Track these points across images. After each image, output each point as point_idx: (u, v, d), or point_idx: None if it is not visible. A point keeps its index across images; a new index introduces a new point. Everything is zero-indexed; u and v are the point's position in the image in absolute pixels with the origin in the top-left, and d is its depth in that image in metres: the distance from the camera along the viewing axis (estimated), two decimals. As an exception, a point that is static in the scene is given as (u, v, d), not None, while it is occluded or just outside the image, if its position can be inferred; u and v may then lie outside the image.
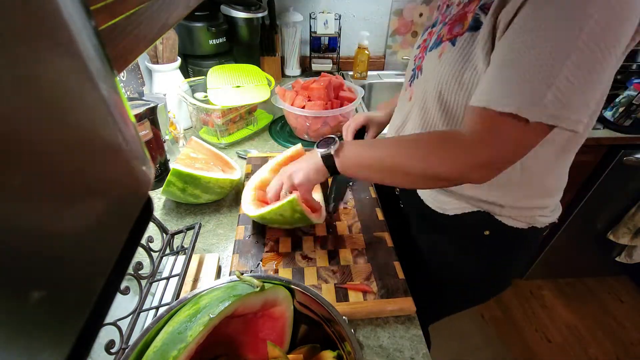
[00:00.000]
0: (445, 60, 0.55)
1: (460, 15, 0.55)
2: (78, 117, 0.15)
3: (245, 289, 0.40)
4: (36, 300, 0.13)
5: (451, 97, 0.56)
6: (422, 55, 0.64)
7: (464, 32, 0.53)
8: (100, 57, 0.17)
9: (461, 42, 0.53)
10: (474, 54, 0.51)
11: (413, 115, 0.66)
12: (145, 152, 0.21)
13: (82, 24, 0.16)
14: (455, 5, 0.58)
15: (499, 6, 0.46)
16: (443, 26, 0.59)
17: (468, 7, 0.54)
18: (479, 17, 0.50)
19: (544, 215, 0.65)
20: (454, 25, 0.55)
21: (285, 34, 1.39)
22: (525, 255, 0.74)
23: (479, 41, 0.50)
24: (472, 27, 0.51)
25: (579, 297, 1.71)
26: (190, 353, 0.34)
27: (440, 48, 0.57)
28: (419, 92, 0.63)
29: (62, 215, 0.14)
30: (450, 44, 0.55)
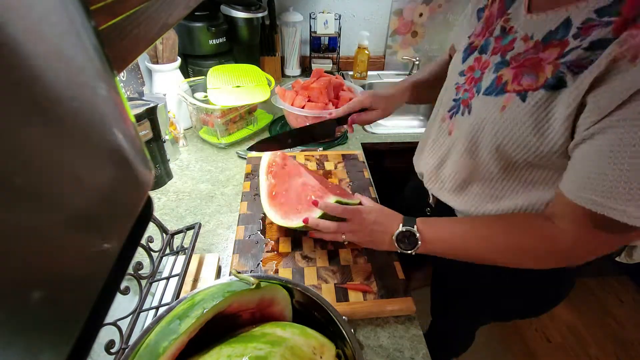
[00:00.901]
0: (512, 117, 0.48)
1: (532, 61, 0.46)
2: (78, 117, 0.15)
3: (241, 287, 0.41)
4: (36, 300, 0.13)
5: (514, 153, 0.49)
6: (470, 90, 0.56)
7: (538, 88, 0.45)
8: (100, 57, 0.17)
9: (534, 100, 0.45)
10: (550, 116, 0.44)
11: (455, 154, 0.60)
12: (145, 152, 0.21)
13: (82, 24, 0.16)
14: (521, 40, 0.49)
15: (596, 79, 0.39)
16: (504, 66, 0.50)
17: (544, 54, 0.45)
18: (563, 75, 0.42)
19: None
20: (523, 73, 0.47)
21: (285, 34, 1.39)
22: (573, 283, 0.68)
23: (558, 103, 0.43)
24: (551, 85, 0.43)
25: (579, 297, 1.71)
26: (181, 345, 0.35)
27: (504, 99, 0.49)
28: (465, 132, 0.56)
29: (62, 215, 0.14)
30: (519, 98, 0.47)
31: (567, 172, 0.45)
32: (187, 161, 0.98)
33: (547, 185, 0.52)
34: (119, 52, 0.23)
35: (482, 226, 0.53)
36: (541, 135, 0.45)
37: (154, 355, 0.34)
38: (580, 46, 0.41)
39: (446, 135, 0.63)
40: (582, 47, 0.41)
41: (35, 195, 0.13)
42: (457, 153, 0.59)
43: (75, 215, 0.15)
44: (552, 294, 0.69)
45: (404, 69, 1.59)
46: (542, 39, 0.46)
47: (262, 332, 0.38)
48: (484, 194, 0.58)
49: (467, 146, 0.56)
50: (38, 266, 0.13)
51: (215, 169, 0.95)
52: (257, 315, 0.44)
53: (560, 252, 0.48)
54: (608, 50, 0.38)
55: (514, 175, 0.54)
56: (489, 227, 0.52)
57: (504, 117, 0.49)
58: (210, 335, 0.38)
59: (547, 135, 0.45)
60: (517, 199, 0.55)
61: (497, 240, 0.51)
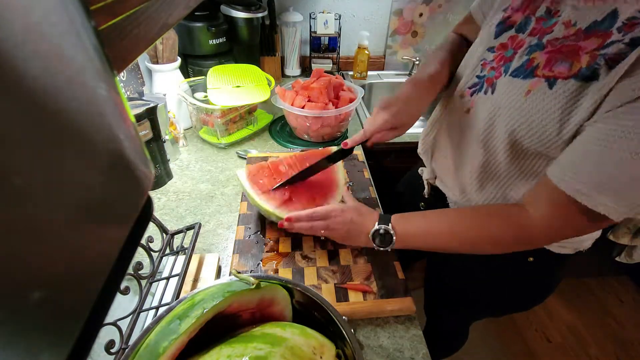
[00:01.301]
0: (535, 104, 0.46)
1: (569, 48, 0.44)
2: (78, 117, 0.15)
3: (241, 287, 0.41)
4: (36, 300, 0.13)
5: (526, 140, 0.48)
6: (498, 68, 0.54)
7: (569, 77, 0.43)
8: (100, 57, 0.17)
9: (562, 88, 0.43)
10: (575, 108, 0.42)
11: (472, 135, 0.57)
12: (145, 152, 0.21)
13: (82, 24, 0.16)
14: (562, 24, 0.46)
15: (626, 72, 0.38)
16: (538, 49, 0.48)
17: (584, 43, 0.43)
18: (598, 68, 0.40)
19: (592, 238, 0.62)
20: (557, 59, 0.45)
21: (285, 34, 1.39)
22: (562, 276, 0.69)
23: (586, 96, 0.41)
24: (584, 75, 0.41)
25: (579, 297, 1.71)
26: (181, 345, 0.35)
27: (530, 83, 0.47)
28: (484, 113, 0.54)
29: (61, 215, 0.14)
30: (547, 84, 0.45)
31: (560, 156, 0.46)
32: (187, 161, 0.98)
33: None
34: (119, 52, 0.23)
35: (454, 222, 0.55)
36: (560, 125, 0.44)
37: (154, 355, 0.34)
38: (622, 40, 0.40)
39: (463, 114, 0.59)
40: (624, 42, 0.40)
41: (35, 195, 0.13)
42: (472, 134, 0.57)
43: (75, 215, 0.15)
44: (542, 288, 0.70)
45: (404, 69, 1.59)
46: (585, 27, 0.44)
47: (262, 332, 0.38)
48: (488, 183, 0.58)
49: (483, 127, 0.54)
50: (38, 266, 0.13)
51: (215, 169, 0.95)
52: (257, 315, 0.44)
53: (529, 237, 0.50)
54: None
55: (519, 165, 0.53)
56: (460, 223, 0.54)
57: (527, 102, 0.47)
58: (210, 335, 0.38)
59: (565, 127, 0.44)
60: (518, 188, 0.55)
61: (467, 235, 0.53)
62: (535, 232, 0.48)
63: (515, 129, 0.49)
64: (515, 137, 0.50)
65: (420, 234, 0.56)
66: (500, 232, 0.51)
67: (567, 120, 0.44)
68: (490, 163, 0.56)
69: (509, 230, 0.51)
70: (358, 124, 1.19)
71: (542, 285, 0.70)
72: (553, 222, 0.47)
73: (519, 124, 0.48)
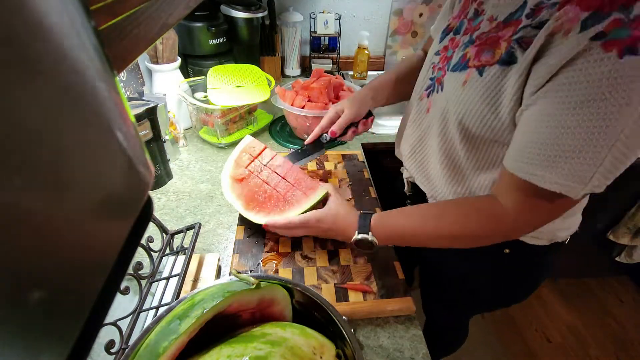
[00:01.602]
0: (470, 91, 0.51)
1: (492, 39, 0.49)
2: (78, 117, 0.15)
3: (241, 287, 0.41)
4: (36, 300, 0.13)
5: (473, 127, 0.53)
6: (443, 67, 0.59)
7: (494, 63, 0.48)
8: (100, 57, 0.17)
9: (490, 74, 0.48)
10: (502, 91, 0.47)
11: (432, 132, 0.62)
12: (145, 152, 0.21)
13: (82, 24, 0.16)
14: (487, 20, 0.52)
15: (535, 56, 0.42)
16: (470, 44, 0.53)
17: (502, 32, 0.48)
18: (514, 51, 0.45)
19: (565, 229, 0.63)
20: (483, 50, 0.50)
21: (285, 34, 1.39)
22: (545, 269, 0.70)
23: (509, 78, 0.46)
24: (504, 60, 0.47)
25: (579, 297, 1.71)
26: (181, 345, 0.35)
27: (465, 74, 0.52)
28: (439, 108, 0.59)
29: (61, 215, 0.14)
30: (477, 73, 0.50)
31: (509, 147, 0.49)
32: (187, 161, 0.98)
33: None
34: (119, 52, 0.23)
35: (431, 219, 0.56)
36: (495, 108, 0.49)
37: (154, 355, 0.34)
38: (530, 25, 0.44)
39: (424, 114, 0.65)
40: (532, 25, 0.44)
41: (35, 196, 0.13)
42: (433, 131, 0.62)
43: (75, 215, 0.15)
44: (525, 280, 0.72)
45: (404, 69, 1.58)
46: (503, 19, 0.49)
47: (262, 332, 0.38)
48: (454, 176, 0.61)
49: (440, 121, 0.59)
50: (38, 266, 0.13)
51: (215, 169, 0.95)
52: (257, 315, 0.44)
53: (504, 228, 0.52)
54: (547, 25, 0.41)
55: (477, 154, 0.56)
56: (438, 219, 0.55)
57: (465, 91, 0.52)
58: (210, 335, 0.38)
59: (500, 109, 0.48)
60: (481, 178, 0.58)
61: (445, 231, 0.55)
62: (509, 223, 0.50)
63: (461, 118, 0.53)
64: (463, 126, 0.54)
65: (400, 234, 0.59)
66: (477, 226, 0.53)
67: (499, 102, 0.48)
68: (451, 156, 0.60)
69: (485, 223, 0.52)
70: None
71: (525, 278, 0.71)
72: (520, 210, 0.49)
73: (462, 112, 0.53)
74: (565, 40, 0.40)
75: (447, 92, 0.57)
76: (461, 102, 0.53)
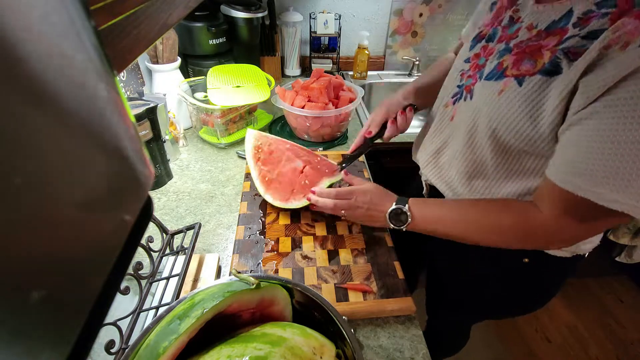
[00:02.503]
0: (507, 101, 0.49)
1: (532, 48, 0.48)
2: (78, 117, 0.15)
3: (241, 287, 0.40)
4: (36, 300, 0.13)
5: (507, 138, 0.51)
6: (474, 75, 0.58)
7: (535, 73, 0.46)
8: (100, 57, 0.17)
9: (530, 84, 0.47)
10: (543, 102, 0.45)
11: (456, 141, 0.62)
12: (145, 152, 0.21)
13: (82, 24, 0.16)
14: (525, 29, 0.50)
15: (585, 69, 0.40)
16: (506, 53, 0.52)
17: (545, 42, 0.46)
18: (559, 62, 0.44)
19: (589, 242, 0.61)
20: (523, 59, 0.48)
21: (285, 34, 1.39)
22: (562, 281, 0.69)
23: (552, 89, 0.44)
24: (547, 70, 0.45)
25: (579, 297, 1.71)
26: (181, 345, 0.35)
27: (502, 84, 0.51)
28: (466, 118, 0.58)
29: (61, 215, 0.14)
30: (516, 82, 0.48)
31: (554, 156, 0.47)
32: (187, 161, 0.98)
33: (537, 175, 0.53)
34: (119, 52, 0.23)
35: (469, 211, 0.55)
36: (534, 120, 0.47)
37: (154, 355, 0.34)
38: (579, 35, 0.43)
39: (448, 122, 0.64)
40: (580, 35, 0.42)
41: (34, 196, 0.13)
42: (457, 138, 0.61)
43: (75, 215, 0.15)
44: (538, 291, 0.70)
45: (404, 69, 1.59)
46: (545, 27, 0.47)
47: (262, 332, 0.38)
48: (478, 183, 0.60)
49: (467, 130, 0.58)
50: (38, 266, 0.13)
51: (215, 169, 0.95)
52: (257, 315, 0.44)
53: (542, 235, 0.50)
54: (601, 37, 0.40)
55: (506, 164, 0.55)
56: (476, 213, 0.54)
57: (501, 100, 0.50)
58: (210, 335, 0.38)
59: (539, 120, 0.47)
60: (507, 187, 0.57)
61: (479, 225, 0.53)
62: (547, 229, 0.49)
63: (495, 127, 0.52)
64: (496, 135, 0.52)
65: (435, 219, 0.58)
66: (511, 226, 0.51)
67: (538, 114, 0.46)
68: (477, 165, 0.59)
69: (519, 224, 0.51)
70: (358, 124, 1.19)
71: (539, 289, 0.69)
72: (561, 221, 0.47)
73: (497, 122, 0.51)
74: (622, 53, 0.38)
75: (477, 100, 0.55)
76: (496, 112, 0.51)
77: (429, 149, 0.70)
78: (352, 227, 0.73)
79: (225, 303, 0.38)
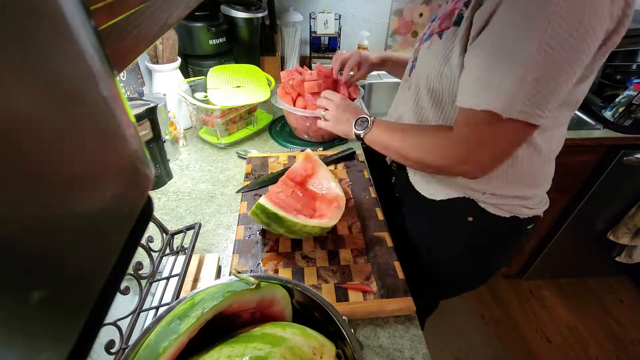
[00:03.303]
0: (432, 52, 0.61)
1: (450, 10, 0.60)
2: (78, 117, 0.15)
3: (241, 287, 0.40)
4: (36, 300, 0.13)
5: (436, 86, 0.61)
6: (419, 47, 0.68)
7: (449, 26, 0.58)
8: (100, 57, 0.17)
9: (447, 35, 0.58)
10: (454, 46, 0.56)
11: (409, 104, 0.71)
12: (145, 152, 0.21)
13: (82, 24, 0.16)
14: (451, 1, 0.62)
15: (475, 5, 0.51)
16: (435, 20, 0.64)
17: (457, 3, 0.58)
18: (462, 12, 0.55)
19: (527, 207, 0.68)
20: (444, 20, 0.60)
21: (285, 34, 1.39)
22: (507, 245, 0.76)
23: (458, 35, 0.55)
24: (456, 21, 0.56)
25: (579, 297, 1.71)
26: (181, 345, 0.35)
27: (430, 41, 0.63)
28: (414, 81, 0.69)
29: (62, 215, 0.14)
30: (438, 37, 0.60)
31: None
32: (187, 161, 0.98)
33: None
34: (119, 52, 0.23)
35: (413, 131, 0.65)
36: (451, 62, 0.57)
37: (154, 355, 0.34)
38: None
39: (407, 90, 0.74)
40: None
41: (36, 195, 0.13)
42: (410, 103, 0.71)
43: (75, 215, 0.15)
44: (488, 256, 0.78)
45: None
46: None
47: (262, 332, 0.38)
48: None
49: (415, 92, 0.69)
50: (38, 266, 0.13)
51: (215, 169, 0.95)
52: (257, 315, 0.44)
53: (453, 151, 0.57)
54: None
55: (443, 114, 0.64)
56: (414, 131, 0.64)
57: (429, 52, 0.62)
58: (210, 335, 0.38)
59: (452, 61, 0.57)
60: None
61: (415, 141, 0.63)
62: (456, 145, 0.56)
63: (427, 79, 0.62)
64: (430, 85, 0.63)
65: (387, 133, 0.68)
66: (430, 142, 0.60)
67: (451, 55, 0.57)
68: (423, 119, 0.69)
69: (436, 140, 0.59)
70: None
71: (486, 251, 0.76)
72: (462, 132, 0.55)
73: (428, 74, 0.62)
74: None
75: (419, 63, 0.66)
76: (427, 64, 0.62)
77: (392, 116, 0.80)
78: (351, 227, 0.73)
79: (225, 303, 0.38)
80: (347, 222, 0.74)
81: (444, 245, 0.78)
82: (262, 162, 0.91)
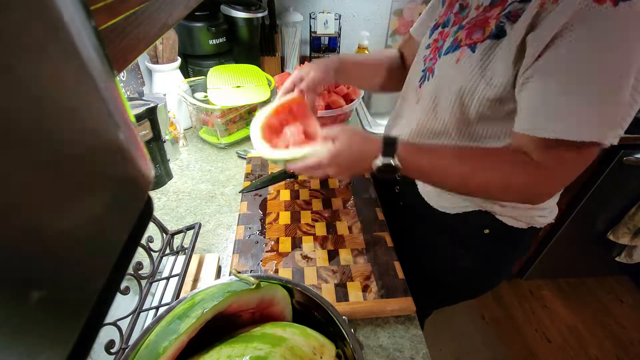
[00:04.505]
0: (464, 67, 0.54)
1: (480, 20, 0.53)
2: (78, 117, 0.15)
3: (241, 287, 0.41)
4: (36, 300, 0.13)
5: (467, 102, 0.55)
6: (433, 57, 0.62)
7: (485, 39, 0.52)
8: (100, 57, 0.17)
9: (481, 49, 0.52)
10: (495, 62, 0.51)
11: (423, 118, 0.65)
12: (146, 152, 0.21)
13: (82, 24, 0.16)
14: (474, 9, 0.57)
15: (530, 25, 0.45)
16: (460, 29, 0.57)
17: (490, 13, 0.52)
18: (503, 25, 0.49)
19: (543, 216, 0.67)
20: (474, 31, 0.54)
21: (285, 34, 1.39)
22: (521, 253, 0.75)
23: (500, 50, 0.49)
24: (494, 34, 0.50)
25: (579, 297, 1.71)
26: (181, 344, 0.35)
27: (458, 53, 0.56)
28: (429, 95, 0.62)
29: (62, 216, 0.14)
30: (470, 50, 0.54)
31: (517, 114, 0.51)
32: (187, 161, 0.98)
33: (498, 140, 0.58)
34: (119, 52, 0.23)
35: (463, 162, 0.54)
36: (488, 79, 0.52)
37: (154, 355, 0.34)
38: (516, 0, 0.49)
39: (415, 103, 0.68)
40: (517, 0, 0.48)
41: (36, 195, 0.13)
42: (424, 115, 0.65)
43: (76, 215, 0.15)
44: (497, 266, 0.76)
45: (404, 69, 1.58)
46: (489, 3, 0.54)
47: (262, 332, 0.38)
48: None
49: (430, 106, 0.62)
50: (39, 266, 0.13)
51: (215, 169, 0.95)
52: (257, 315, 0.44)
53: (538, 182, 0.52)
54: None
55: (468, 131, 0.59)
56: (470, 164, 0.53)
57: (458, 67, 0.55)
58: (210, 335, 0.38)
59: (492, 79, 0.51)
60: None
61: (478, 176, 0.53)
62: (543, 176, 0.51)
63: (455, 93, 0.56)
64: (457, 101, 0.57)
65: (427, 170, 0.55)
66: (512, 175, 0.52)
67: (492, 74, 0.51)
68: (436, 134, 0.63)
69: (520, 174, 0.51)
70: (358, 124, 1.19)
71: (500, 262, 0.75)
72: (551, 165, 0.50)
73: (457, 87, 0.55)
74: (555, 6, 0.43)
75: (440, 76, 0.60)
76: (455, 79, 0.56)
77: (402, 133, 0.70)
78: (352, 227, 0.73)
79: (225, 303, 0.38)
80: (347, 222, 0.75)
81: (453, 255, 0.75)
82: (262, 162, 0.91)
